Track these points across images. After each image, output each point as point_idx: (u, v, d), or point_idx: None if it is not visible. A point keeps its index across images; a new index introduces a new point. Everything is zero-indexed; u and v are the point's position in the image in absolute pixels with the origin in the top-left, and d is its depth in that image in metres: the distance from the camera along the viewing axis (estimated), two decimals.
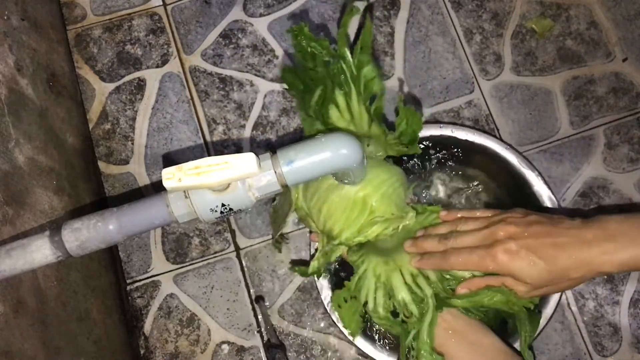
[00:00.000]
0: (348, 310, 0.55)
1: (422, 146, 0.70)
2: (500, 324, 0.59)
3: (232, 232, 0.73)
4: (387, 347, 0.64)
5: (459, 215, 0.55)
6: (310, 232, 0.66)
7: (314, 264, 0.59)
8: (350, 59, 0.58)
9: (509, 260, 0.46)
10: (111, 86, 0.78)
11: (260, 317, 0.71)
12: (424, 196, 0.71)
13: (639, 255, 0.43)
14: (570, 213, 0.63)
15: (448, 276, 0.53)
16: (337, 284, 0.66)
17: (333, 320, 0.67)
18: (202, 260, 0.73)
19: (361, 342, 0.64)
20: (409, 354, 0.52)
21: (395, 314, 0.54)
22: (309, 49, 0.59)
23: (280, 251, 0.71)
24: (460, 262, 0.49)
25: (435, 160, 0.71)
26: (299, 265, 0.69)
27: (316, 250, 0.60)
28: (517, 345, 0.57)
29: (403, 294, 0.53)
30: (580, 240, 0.45)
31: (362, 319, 0.56)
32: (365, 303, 0.55)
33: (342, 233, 0.55)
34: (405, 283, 0.53)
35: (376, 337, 0.65)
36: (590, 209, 0.74)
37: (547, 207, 0.68)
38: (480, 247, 0.48)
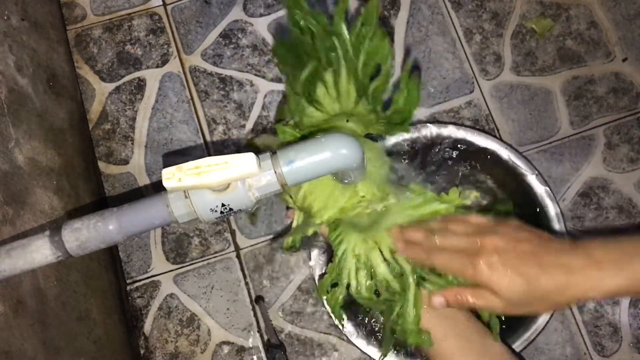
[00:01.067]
0: (333, 295, 0.54)
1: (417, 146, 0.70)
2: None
3: (232, 232, 0.73)
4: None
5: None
6: (288, 208, 0.63)
7: (288, 241, 0.58)
8: (347, 36, 0.55)
9: (490, 273, 0.45)
10: (111, 86, 0.78)
11: (260, 317, 0.71)
12: None
13: (624, 284, 0.42)
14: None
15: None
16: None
17: (333, 320, 0.67)
18: (202, 260, 0.73)
19: (362, 342, 0.64)
20: (393, 331, 0.52)
21: (378, 293, 0.53)
22: (303, 23, 0.56)
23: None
24: (442, 261, 0.49)
25: (435, 160, 0.71)
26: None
27: (291, 225, 0.59)
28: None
29: (383, 272, 0.52)
30: (565, 265, 0.44)
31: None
32: (348, 285, 0.54)
33: (321, 212, 0.53)
34: (385, 260, 0.53)
35: (377, 337, 0.65)
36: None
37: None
38: (465, 252, 0.48)
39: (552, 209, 0.67)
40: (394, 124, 0.56)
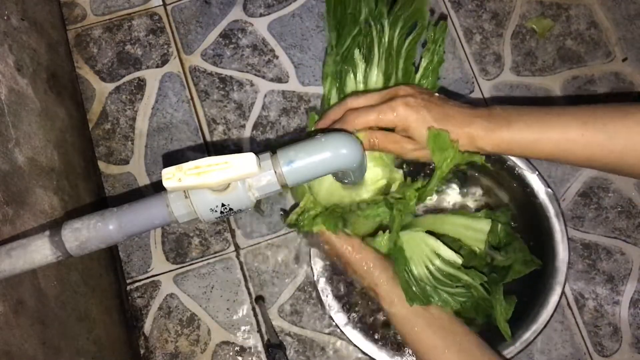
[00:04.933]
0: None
1: None
2: (487, 320, 0.59)
3: (232, 232, 0.73)
4: (388, 348, 0.64)
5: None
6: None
7: (292, 217, 0.58)
8: (387, 25, 0.56)
9: (408, 112, 0.49)
10: (111, 86, 0.78)
11: (260, 317, 0.71)
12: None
13: (511, 139, 0.47)
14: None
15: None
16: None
17: (333, 320, 0.67)
18: (202, 260, 0.73)
19: (362, 342, 0.64)
20: None
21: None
22: None
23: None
24: (359, 120, 0.50)
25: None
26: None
27: (295, 206, 0.59)
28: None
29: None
30: (466, 115, 0.49)
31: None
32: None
33: (328, 197, 0.54)
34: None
35: (377, 337, 0.66)
36: (590, 208, 0.74)
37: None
38: (381, 103, 0.50)
39: (552, 209, 0.67)
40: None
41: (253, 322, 0.71)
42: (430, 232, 0.57)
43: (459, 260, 0.55)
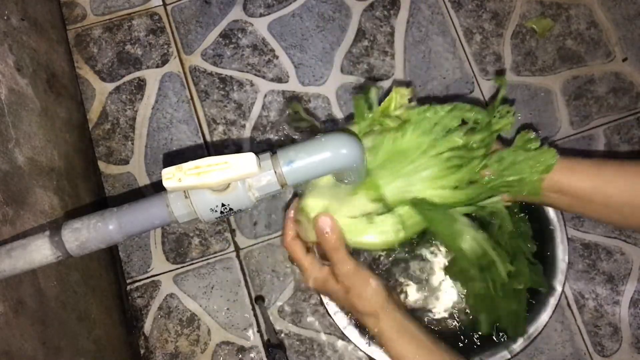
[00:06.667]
0: None
1: None
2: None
3: (232, 232, 0.73)
4: None
5: None
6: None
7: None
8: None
9: None
10: (111, 86, 0.78)
11: (260, 317, 0.71)
12: None
13: (569, 185, 0.50)
14: None
15: None
16: None
17: (333, 320, 0.67)
18: (202, 260, 0.73)
19: (361, 342, 0.64)
20: None
21: None
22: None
23: None
24: None
25: None
26: None
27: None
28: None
29: None
30: None
31: None
32: None
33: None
34: None
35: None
36: None
37: None
38: None
39: (551, 209, 0.67)
40: None
41: (253, 322, 0.71)
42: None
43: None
